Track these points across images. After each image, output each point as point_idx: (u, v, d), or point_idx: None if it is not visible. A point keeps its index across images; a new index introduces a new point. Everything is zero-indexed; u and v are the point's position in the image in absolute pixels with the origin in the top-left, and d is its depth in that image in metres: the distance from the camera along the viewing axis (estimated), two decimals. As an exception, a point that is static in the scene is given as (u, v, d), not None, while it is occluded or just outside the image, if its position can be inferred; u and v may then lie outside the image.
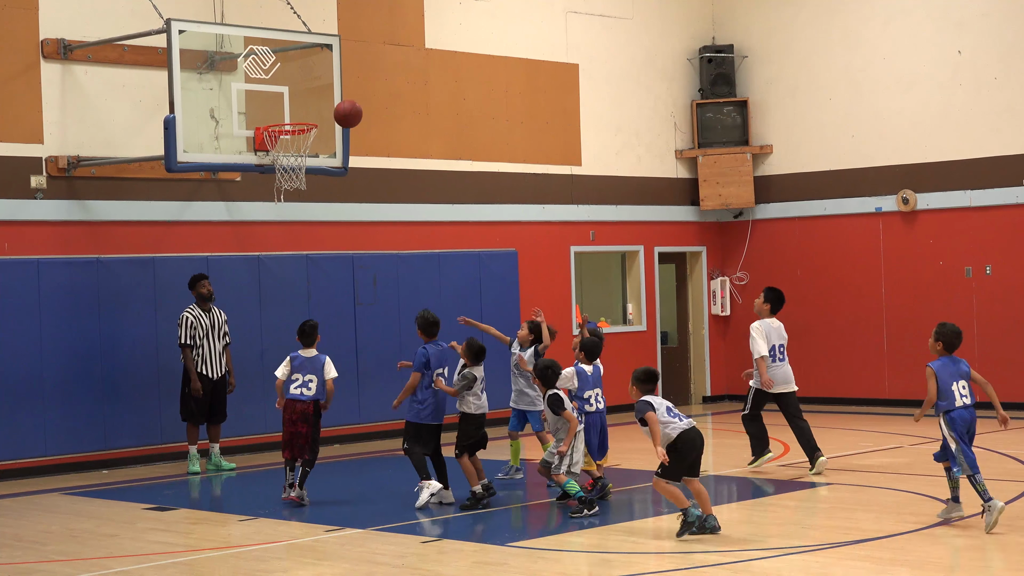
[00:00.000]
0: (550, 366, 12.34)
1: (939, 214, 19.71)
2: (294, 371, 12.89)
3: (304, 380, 12.87)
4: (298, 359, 12.95)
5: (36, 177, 15.40)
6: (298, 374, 12.88)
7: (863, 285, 20.40)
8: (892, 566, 9.49)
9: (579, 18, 20.28)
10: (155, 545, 11.21)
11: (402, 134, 18.33)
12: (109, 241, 15.88)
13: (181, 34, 14.29)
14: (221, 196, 16.80)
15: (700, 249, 21.76)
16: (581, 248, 20.31)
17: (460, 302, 18.62)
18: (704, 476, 14.02)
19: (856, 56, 20.40)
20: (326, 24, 17.31)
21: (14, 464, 15.17)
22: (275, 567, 10.17)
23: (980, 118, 19.25)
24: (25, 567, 10.46)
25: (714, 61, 21.39)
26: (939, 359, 11.15)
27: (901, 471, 13.82)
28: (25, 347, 15.19)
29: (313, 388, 12.87)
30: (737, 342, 21.70)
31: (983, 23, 19.23)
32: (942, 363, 11.11)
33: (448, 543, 10.79)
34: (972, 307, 19.39)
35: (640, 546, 10.74)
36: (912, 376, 19.91)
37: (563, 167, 20.08)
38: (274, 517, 12.32)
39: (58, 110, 15.52)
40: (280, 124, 14.96)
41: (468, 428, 12.56)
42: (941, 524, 10.87)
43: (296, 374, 12.88)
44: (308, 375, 12.88)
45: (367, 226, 17.96)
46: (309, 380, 12.87)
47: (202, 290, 15.27)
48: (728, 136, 21.35)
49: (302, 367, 12.91)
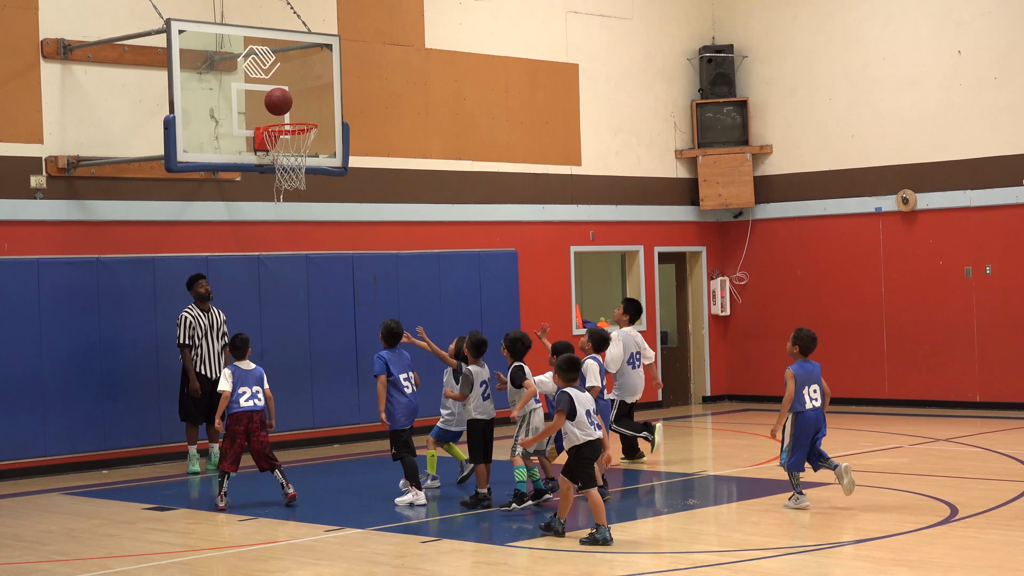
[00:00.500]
0: (520, 338, 12.35)
1: (939, 214, 19.70)
2: (239, 384, 12.90)
3: (252, 392, 12.91)
4: (239, 372, 12.96)
5: (36, 177, 15.40)
6: (245, 387, 12.91)
7: (863, 285, 20.40)
8: (892, 566, 9.49)
9: (579, 18, 20.28)
10: (155, 545, 11.21)
11: (402, 134, 18.34)
12: (109, 241, 15.88)
13: (181, 34, 14.28)
14: (221, 196, 16.80)
15: (700, 249, 21.76)
16: (581, 248, 20.31)
17: (460, 302, 18.64)
18: (703, 476, 14.05)
19: (856, 56, 20.40)
20: (326, 24, 17.31)
21: (14, 464, 15.18)
22: (275, 567, 10.17)
23: (980, 118, 19.25)
24: (25, 567, 10.46)
25: (714, 61, 21.39)
26: (796, 363, 11.70)
27: (901, 471, 13.82)
28: (25, 347, 15.19)
29: (261, 398, 12.96)
30: (737, 342, 21.72)
31: (983, 23, 19.23)
32: (799, 366, 11.68)
33: (448, 543, 10.79)
34: (972, 307, 19.39)
35: (640, 546, 10.74)
36: (912, 376, 19.93)
37: (563, 167, 20.08)
38: (274, 517, 12.32)
39: (58, 110, 15.52)
40: (280, 124, 14.95)
41: (473, 435, 12.49)
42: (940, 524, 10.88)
43: (243, 387, 12.91)
44: (254, 386, 12.94)
45: (367, 226, 17.96)
46: (256, 391, 12.94)
47: (200, 290, 15.27)
48: (728, 136, 21.35)
49: (246, 379, 12.92)
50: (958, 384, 19.51)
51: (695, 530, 11.29)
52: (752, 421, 19.15)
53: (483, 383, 12.57)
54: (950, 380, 19.58)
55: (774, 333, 21.21)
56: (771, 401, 21.17)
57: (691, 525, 11.48)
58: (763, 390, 21.40)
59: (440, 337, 18.28)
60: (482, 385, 12.56)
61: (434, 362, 13.40)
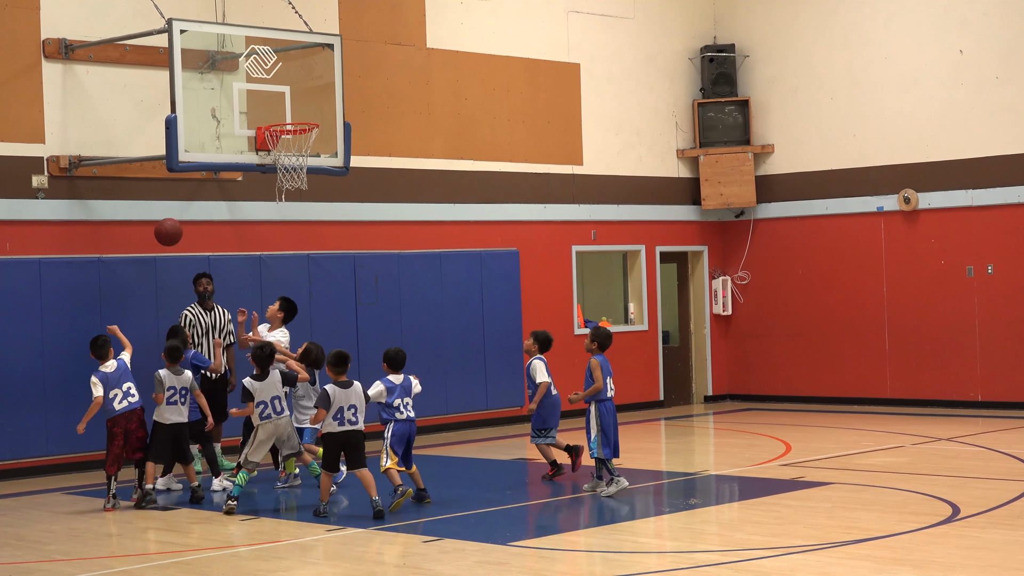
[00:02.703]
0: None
1: (941, 213, 19.70)
2: (109, 388, 12.93)
3: (124, 391, 13.01)
4: (102, 375, 13.02)
5: (38, 177, 15.40)
6: (115, 389, 12.96)
7: (865, 284, 20.39)
8: (893, 565, 9.49)
9: (580, 17, 20.28)
10: (156, 545, 11.22)
11: (403, 134, 18.34)
12: (111, 241, 15.88)
13: (182, 34, 14.28)
14: (223, 196, 16.80)
15: (702, 248, 21.75)
16: (583, 247, 20.31)
17: (461, 302, 18.64)
18: (705, 475, 14.05)
19: (857, 55, 20.39)
20: (327, 24, 17.31)
21: (16, 464, 15.18)
22: (276, 567, 10.17)
23: (982, 117, 19.24)
24: (27, 567, 10.47)
25: (715, 60, 21.38)
26: (600, 355, 12.93)
27: (902, 470, 13.81)
28: (27, 347, 15.19)
29: (135, 395, 13.09)
30: (739, 342, 21.71)
31: (984, 22, 19.22)
32: (603, 359, 12.93)
33: (449, 543, 10.79)
34: (974, 306, 19.38)
35: (641, 545, 10.74)
36: (914, 376, 19.92)
37: (564, 166, 20.08)
38: (275, 517, 12.31)
39: (59, 110, 15.52)
40: (282, 124, 14.96)
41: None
42: (942, 523, 10.88)
43: (114, 389, 12.95)
44: (124, 385, 13.03)
45: (368, 226, 17.96)
46: (128, 388, 13.05)
47: (199, 288, 15.24)
48: (729, 135, 21.34)
49: (114, 382, 12.97)
50: (960, 383, 19.50)
51: (697, 529, 11.29)
52: (754, 421, 19.15)
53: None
54: (952, 380, 19.57)
55: (776, 333, 21.22)
56: (773, 401, 21.20)
57: (693, 525, 11.47)
58: (765, 389, 21.40)
59: (442, 337, 18.35)
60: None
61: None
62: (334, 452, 12.16)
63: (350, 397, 12.10)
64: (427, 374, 14.07)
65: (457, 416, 18.63)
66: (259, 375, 12.76)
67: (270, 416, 12.70)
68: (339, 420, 12.04)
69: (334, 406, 12.03)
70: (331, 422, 12.04)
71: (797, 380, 21.14)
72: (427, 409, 17.08)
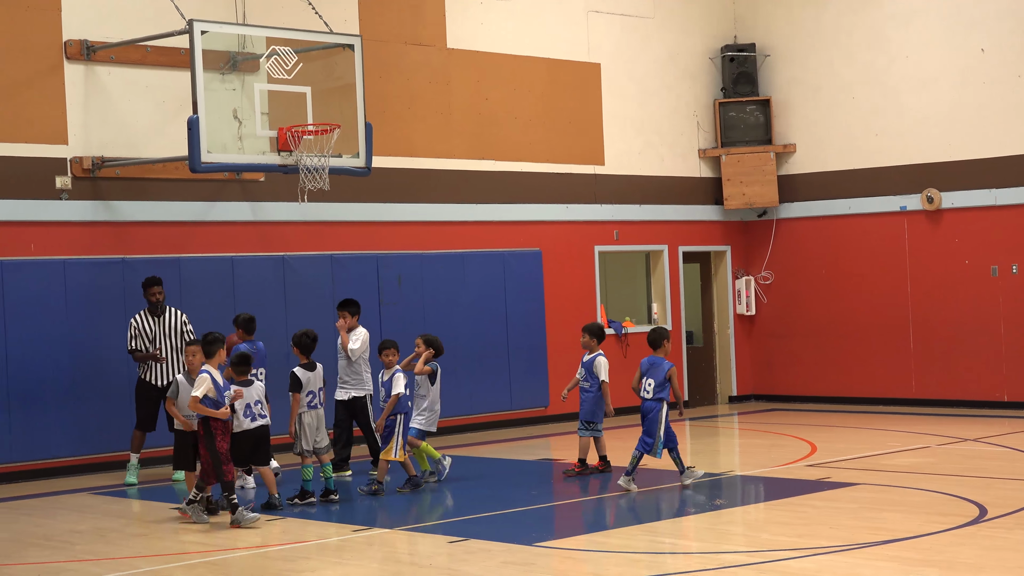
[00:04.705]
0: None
1: (964, 213, 19.61)
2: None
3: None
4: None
5: (61, 178, 15.44)
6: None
7: (888, 284, 20.31)
8: (920, 566, 9.43)
9: (601, 17, 20.25)
10: (183, 545, 11.22)
11: (424, 134, 18.33)
12: (134, 241, 15.92)
13: (203, 35, 14.31)
14: (245, 196, 16.82)
15: (724, 248, 21.70)
16: (605, 248, 20.28)
17: (484, 302, 18.63)
18: (730, 476, 14.00)
19: (879, 54, 20.31)
20: (347, 24, 17.31)
21: (43, 464, 15.21)
22: (303, 567, 10.17)
23: (1004, 116, 19.15)
24: (54, 566, 10.48)
25: (736, 60, 21.32)
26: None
27: (929, 471, 13.75)
28: (52, 347, 15.22)
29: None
30: (763, 342, 21.65)
31: (1006, 20, 19.12)
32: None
33: (475, 543, 10.77)
34: (999, 306, 19.28)
35: (667, 546, 10.71)
36: (939, 376, 19.83)
37: (586, 167, 20.05)
38: (302, 517, 12.31)
39: (82, 111, 15.56)
40: (303, 124, 14.97)
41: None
42: (969, 524, 10.82)
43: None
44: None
45: (391, 226, 17.96)
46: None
47: (150, 297, 14.82)
48: (751, 135, 21.28)
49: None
50: (985, 384, 19.41)
51: (722, 530, 11.25)
52: (779, 421, 19.09)
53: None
54: (977, 380, 19.48)
55: (800, 333, 21.15)
56: (798, 401, 21.15)
57: (718, 525, 11.44)
58: (789, 390, 21.34)
59: (465, 337, 18.32)
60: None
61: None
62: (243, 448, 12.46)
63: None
64: (451, 374, 14.08)
65: (481, 416, 18.62)
66: (308, 364, 12.98)
67: (316, 406, 12.94)
68: (250, 416, 12.33)
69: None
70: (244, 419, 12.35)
71: (822, 380, 21.06)
72: (451, 409, 17.07)
